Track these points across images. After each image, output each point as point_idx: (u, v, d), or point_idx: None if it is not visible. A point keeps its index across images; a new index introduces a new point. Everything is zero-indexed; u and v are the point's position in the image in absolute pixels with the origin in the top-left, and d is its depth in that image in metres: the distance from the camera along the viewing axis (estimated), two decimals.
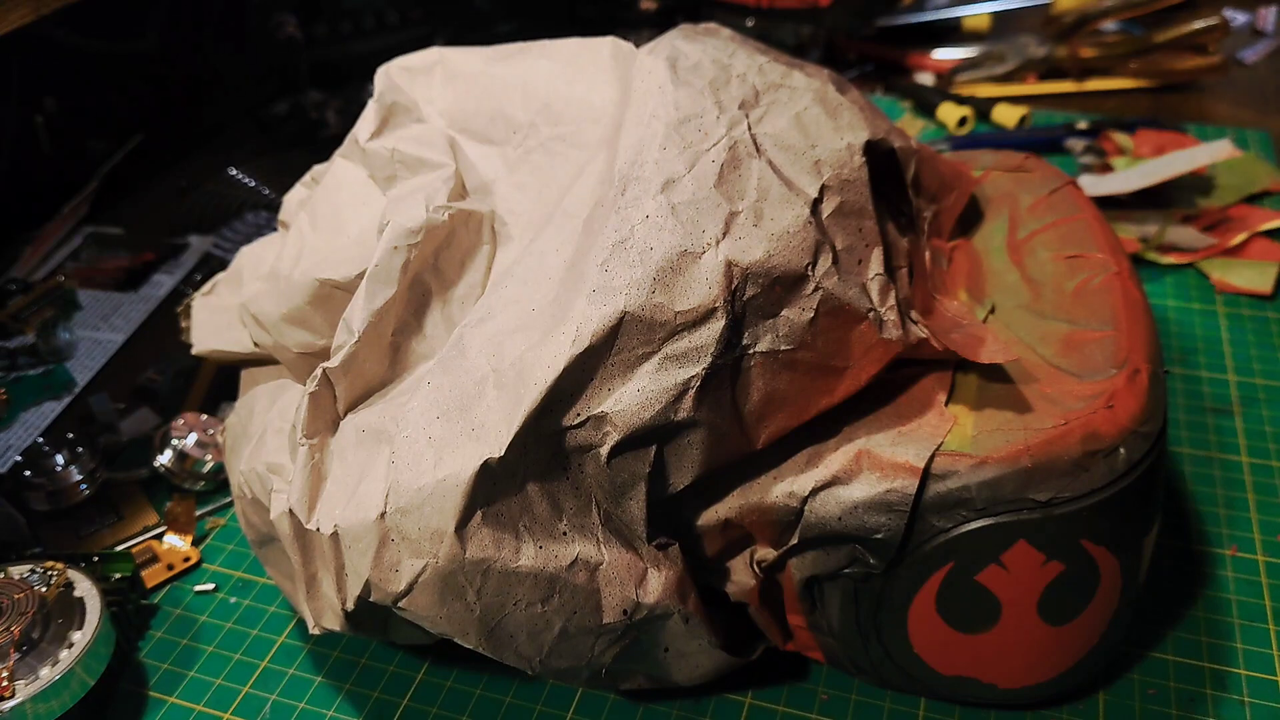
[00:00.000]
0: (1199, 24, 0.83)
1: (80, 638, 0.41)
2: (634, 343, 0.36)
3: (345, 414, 0.39)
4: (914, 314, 0.40)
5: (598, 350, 0.35)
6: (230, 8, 0.88)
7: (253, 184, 0.78)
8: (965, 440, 0.37)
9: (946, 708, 0.41)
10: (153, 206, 0.77)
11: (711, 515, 0.39)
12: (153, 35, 0.84)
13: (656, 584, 0.37)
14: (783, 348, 0.37)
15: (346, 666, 0.45)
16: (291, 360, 0.44)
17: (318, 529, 0.37)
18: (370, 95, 0.48)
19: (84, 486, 0.52)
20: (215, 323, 0.49)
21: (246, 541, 0.50)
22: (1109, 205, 0.68)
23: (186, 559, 0.50)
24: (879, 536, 0.36)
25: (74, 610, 0.42)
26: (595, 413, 0.36)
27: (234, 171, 0.80)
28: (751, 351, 0.37)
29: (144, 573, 0.49)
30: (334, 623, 0.38)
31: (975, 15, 0.95)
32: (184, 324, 0.54)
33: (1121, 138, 0.75)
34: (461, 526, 0.35)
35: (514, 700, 0.43)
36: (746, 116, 0.41)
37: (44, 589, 0.42)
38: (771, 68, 0.44)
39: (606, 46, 0.46)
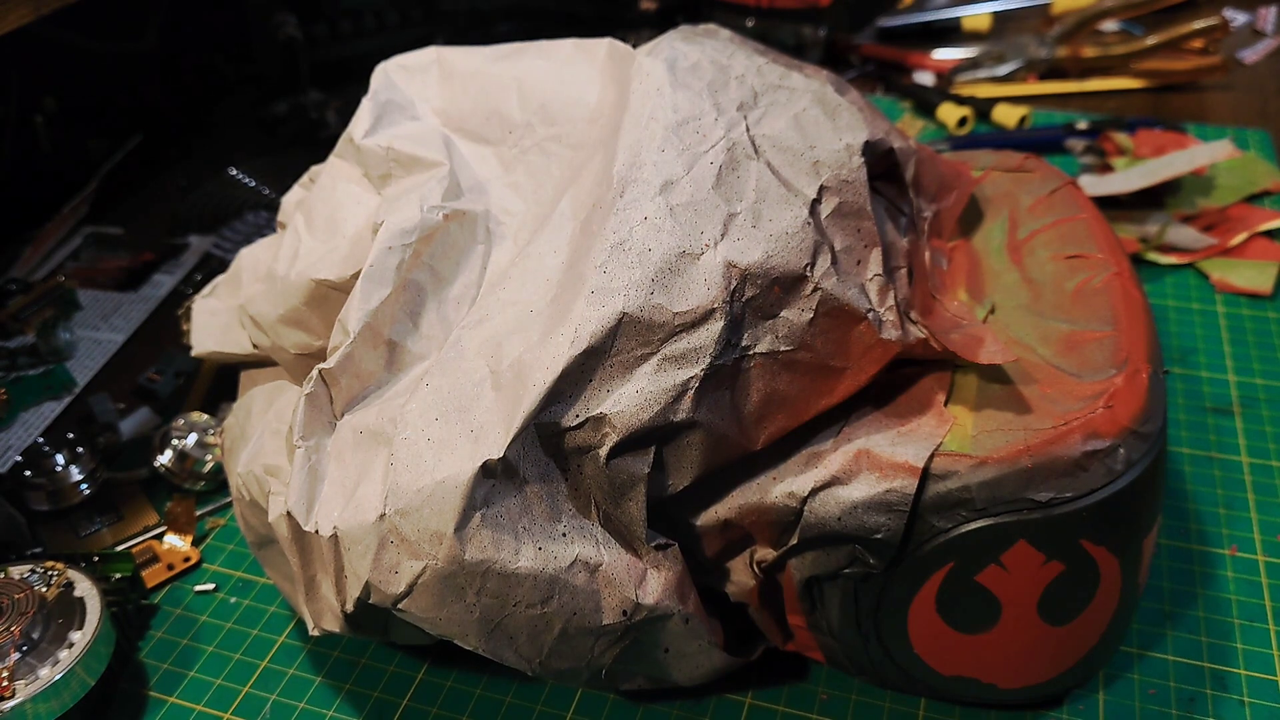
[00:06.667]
0: (1199, 24, 0.83)
1: (80, 638, 0.41)
2: (633, 344, 0.36)
3: (342, 415, 0.39)
4: (913, 314, 0.40)
5: (596, 351, 0.35)
6: (230, 7, 0.88)
7: (253, 184, 0.78)
8: (965, 440, 0.37)
9: (946, 708, 0.41)
10: (153, 206, 0.77)
11: (711, 515, 0.39)
12: (153, 35, 0.84)
13: (656, 585, 0.37)
14: (782, 348, 0.37)
15: (346, 666, 0.45)
16: (289, 361, 0.44)
17: (316, 531, 0.37)
18: None
19: (84, 486, 0.52)
20: (215, 325, 0.49)
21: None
22: (1109, 205, 0.68)
23: (186, 559, 0.50)
24: (879, 536, 0.36)
25: (74, 610, 0.42)
26: (594, 414, 0.36)
27: (234, 171, 0.80)
28: (751, 352, 0.37)
29: (144, 573, 0.49)
30: (333, 624, 0.38)
31: (975, 15, 0.95)
32: (184, 326, 0.54)
33: (1121, 138, 0.75)
34: (460, 528, 0.35)
35: (514, 700, 0.43)
36: (745, 118, 0.41)
37: (44, 589, 0.42)
38: (770, 69, 0.44)
39: (604, 47, 0.46)
